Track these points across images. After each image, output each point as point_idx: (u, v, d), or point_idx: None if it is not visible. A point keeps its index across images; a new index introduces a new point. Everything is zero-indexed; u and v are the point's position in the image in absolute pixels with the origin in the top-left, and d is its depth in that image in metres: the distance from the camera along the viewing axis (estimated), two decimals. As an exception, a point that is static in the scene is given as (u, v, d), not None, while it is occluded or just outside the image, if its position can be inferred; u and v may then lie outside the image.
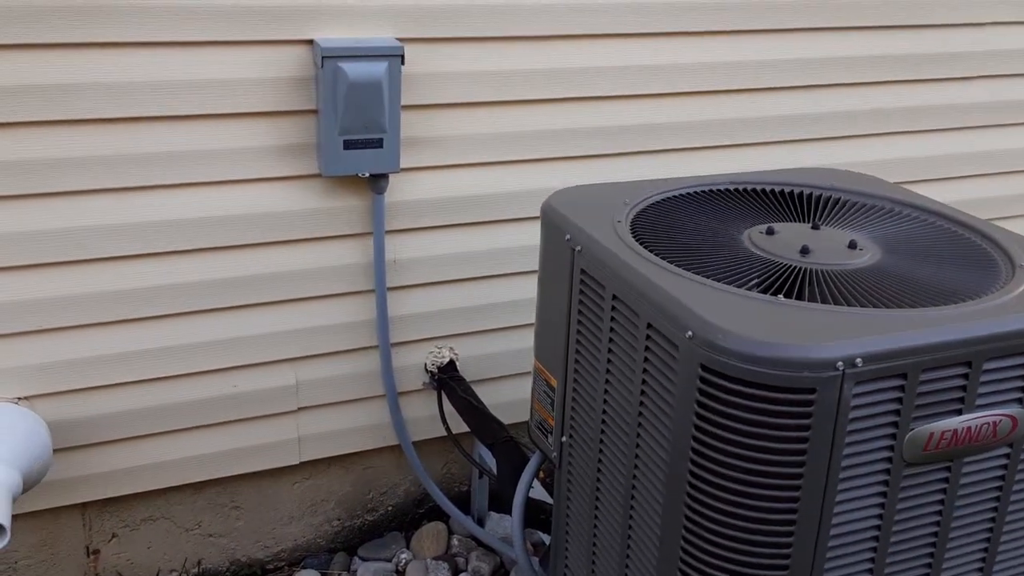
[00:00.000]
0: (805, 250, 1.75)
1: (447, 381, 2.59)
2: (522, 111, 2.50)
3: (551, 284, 1.91)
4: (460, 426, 2.58)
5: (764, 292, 1.60)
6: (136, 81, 2.12)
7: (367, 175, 2.35)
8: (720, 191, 2.06)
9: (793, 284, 1.64)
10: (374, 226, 2.42)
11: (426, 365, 2.64)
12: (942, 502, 1.58)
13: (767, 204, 2.02)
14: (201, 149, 2.22)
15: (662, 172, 2.68)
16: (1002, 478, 1.62)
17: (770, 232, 1.84)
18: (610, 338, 1.72)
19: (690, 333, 1.48)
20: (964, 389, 1.51)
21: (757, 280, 1.65)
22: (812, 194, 2.07)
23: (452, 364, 2.63)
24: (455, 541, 2.78)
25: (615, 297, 1.69)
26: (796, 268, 1.70)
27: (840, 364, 1.40)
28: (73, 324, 2.24)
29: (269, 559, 2.72)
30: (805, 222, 1.93)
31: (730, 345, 1.42)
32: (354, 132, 2.27)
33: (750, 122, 2.76)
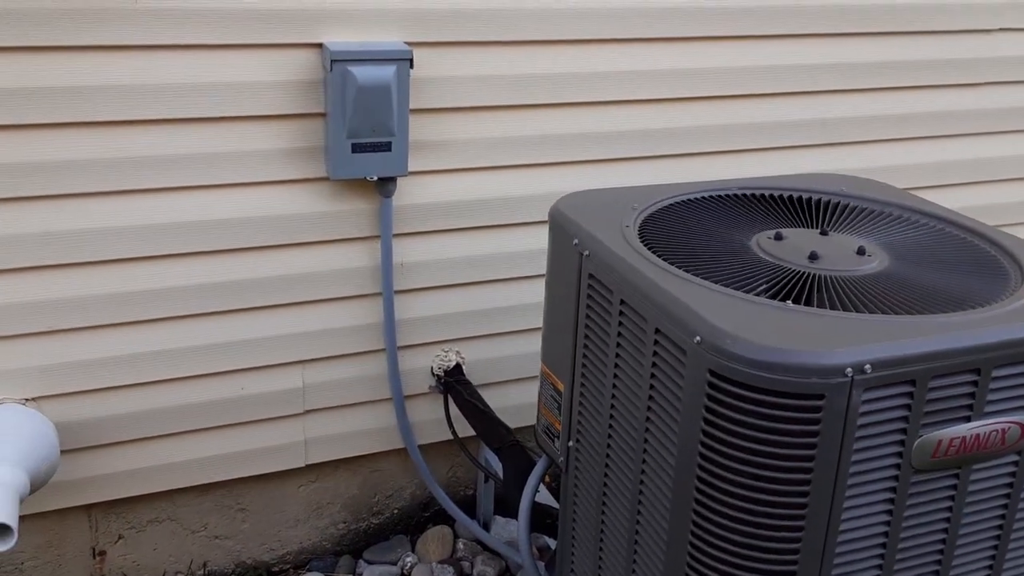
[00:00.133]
0: (814, 256, 1.75)
1: (454, 385, 2.59)
2: (530, 115, 2.50)
3: (559, 288, 1.91)
4: (466, 430, 2.58)
5: (773, 298, 1.60)
6: (145, 84, 2.13)
7: (375, 178, 2.35)
8: (728, 196, 2.06)
9: (802, 290, 1.64)
10: (382, 229, 2.42)
11: (433, 368, 2.64)
12: (950, 509, 1.58)
13: (775, 209, 2.02)
14: (210, 152, 2.23)
15: (670, 177, 2.68)
16: (1010, 485, 1.61)
17: (778, 237, 1.84)
18: (618, 343, 1.72)
19: (698, 338, 1.47)
20: (973, 396, 1.51)
21: (766, 286, 1.65)
22: (821, 200, 2.06)
23: (459, 368, 2.63)
24: (460, 545, 2.78)
25: (623, 302, 1.68)
26: (805, 274, 1.69)
27: (849, 370, 1.40)
28: (81, 326, 2.24)
29: (275, 561, 2.72)
30: (814, 228, 1.93)
31: (739, 351, 1.42)
32: (362, 135, 2.28)
33: (762, 127, 2.76)
